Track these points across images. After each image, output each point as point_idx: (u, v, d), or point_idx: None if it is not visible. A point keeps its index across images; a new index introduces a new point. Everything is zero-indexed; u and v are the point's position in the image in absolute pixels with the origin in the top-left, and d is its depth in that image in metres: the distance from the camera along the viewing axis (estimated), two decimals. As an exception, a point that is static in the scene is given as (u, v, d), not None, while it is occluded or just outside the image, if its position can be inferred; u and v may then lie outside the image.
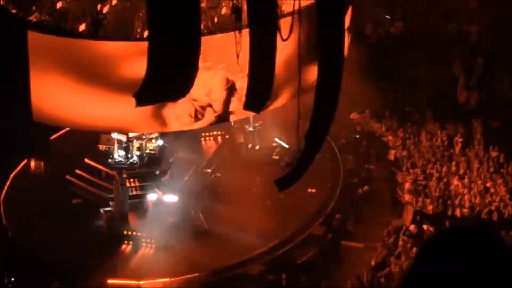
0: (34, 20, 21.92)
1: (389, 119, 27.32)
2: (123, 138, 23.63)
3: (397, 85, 28.76)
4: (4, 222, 22.50)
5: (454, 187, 23.58)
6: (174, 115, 19.78)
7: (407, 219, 22.69)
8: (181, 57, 12.00)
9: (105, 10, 22.92)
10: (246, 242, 21.66)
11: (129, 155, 23.79)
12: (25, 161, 24.69)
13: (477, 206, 22.77)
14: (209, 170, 24.92)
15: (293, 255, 21.78)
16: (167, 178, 23.85)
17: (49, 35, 18.76)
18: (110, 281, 20.54)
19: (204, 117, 20.19)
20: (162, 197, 23.07)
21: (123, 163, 23.75)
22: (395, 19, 30.46)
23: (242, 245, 21.58)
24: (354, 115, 27.76)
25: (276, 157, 25.48)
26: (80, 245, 21.37)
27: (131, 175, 23.31)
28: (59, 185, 23.97)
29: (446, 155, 25.18)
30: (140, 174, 23.55)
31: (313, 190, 23.96)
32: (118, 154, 23.86)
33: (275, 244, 21.92)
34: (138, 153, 23.81)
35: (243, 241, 21.64)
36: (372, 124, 27.52)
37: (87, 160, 24.53)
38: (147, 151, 23.97)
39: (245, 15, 15.14)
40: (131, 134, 23.41)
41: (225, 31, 18.54)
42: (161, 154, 24.25)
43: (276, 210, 22.72)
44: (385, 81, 27.24)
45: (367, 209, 23.75)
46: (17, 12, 21.53)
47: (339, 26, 14.81)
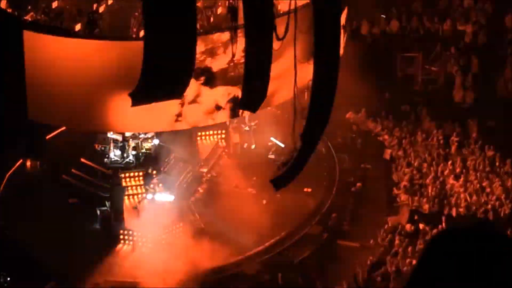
0: (30, 19, 21.88)
1: (385, 118, 27.35)
2: (119, 137, 23.60)
3: (393, 84, 28.77)
4: (0, 222, 22.46)
5: (450, 186, 23.60)
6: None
7: (403, 218, 22.72)
8: (177, 57, 11.99)
9: (101, 9, 22.90)
10: (242, 241, 21.65)
11: (125, 155, 23.76)
12: (20, 161, 24.66)
13: (473, 205, 22.78)
14: (205, 170, 24.91)
15: (289, 255, 21.79)
16: (163, 177, 23.83)
17: (45, 34, 18.74)
18: (106, 280, 20.54)
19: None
20: (158, 196, 23.06)
21: (119, 162, 23.74)
22: (390, 18, 30.46)
23: (238, 245, 21.57)
24: (350, 114, 27.77)
25: (272, 156, 25.46)
26: (76, 244, 21.37)
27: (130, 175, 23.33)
28: (55, 185, 23.93)
29: (442, 154, 25.21)
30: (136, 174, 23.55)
31: (309, 190, 23.97)
32: (114, 154, 23.83)
33: (271, 244, 21.94)
34: (134, 152, 23.78)
35: (239, 240, 21.62)
36: (368, 123, 27.53)
37: (83, 160, 24.51)
38: (143, 150, 23.94)
39: (241, 14, 15.16)
40: (127, 134, 23.39)
41: (221, 31, 18.54)
42: (157, 153, 24.23)
43: (272, 209, 22.70)
44: (380, 80, 27.22)
45: (363, 208, 23.77)
46: (13, 11, 21.49)
47: (335, 25, 14.81)
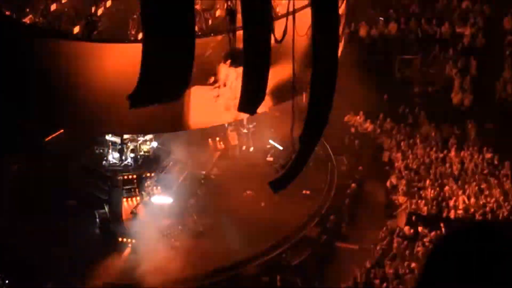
0: (28, 21, 21.86)
1: (383, 120, 27.36)
2: (117, 140, 23.59)
3: (391, 86, 28.78)
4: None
5: (448, 188, 23.60)
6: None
7: (402, 221, 22.72)
8: (175, 59, 11.97)
9: (99, 12, 22.89)
10: (240, 243, 21.64)
11: (124, 157, 23.75)
12: (20, 163, 24.65)
13: (471, 208, 22.78)
14: (203, 172, 24.91)
15: (288, 257, 21.78)
16: (161, 179, 23.81)
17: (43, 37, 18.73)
18: (105, 283, 20.52)
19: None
20: (156, 199, 23.04)
21: (118, 165, 23.72)
22: (388, 20, 30.49)
23: (236, 247, 21.56)
24: (348, 116, 27.79)
25: (270, 158, 25.49)
26: (74, 247, 21.36)
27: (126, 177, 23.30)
28: (54, 187, 23.90)
29: (441, 156, 25.22)
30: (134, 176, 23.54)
31: (308, 192, 23.98)
32: (113, 156, 23.82)
33: (269, 246, 21.94)
34: (133, 155, 23.77)
35: (238, 242, 21.62)
36: (366, 125, 27.54)
37: (81, 162, 24.50)
38: (141, 153, 23.93)
39: (239, 16, 15.15)
40: (125, 136, 23.38)
41: (219, 33, 18.52)
42: (155, 156, 24.22)
43: (271, 211, 22.70)
44: (379, 82, 27.25)
45: (361, 210, 23.78)
46: (11, 14, 21.47)
47: (333, 27, 14.80)
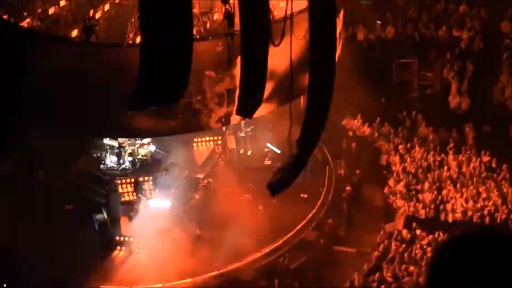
0: (26, 26, 21.86)
1: (381, 124, 27.36)
2: (115, 143, 23.60)
3: (389, 90, 28.80)
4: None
5: (446, 192, 23.61)
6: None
7: (400, 224, 22.72)
8: (173, 63, 11.99)
9: (97, 16, 22.90)
10: (238, 247, 21.60)
11: (121, 161, 23.76)
12: (16, 167, 24.59)
13: (469, 211, 22.80)
14: (201, 176, 24.91)
15: (286, 261, 21.76)
16: (159, 183, 23.82)
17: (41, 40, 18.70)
18: (102, 287, 20.51)
19: None
20: (154, 203, 23.04)
21: (115, 168, 23.73)
22: (386, 24, 30.52)
23: (234, 251, 21.52)
24: (346, 120, 27.80)
25: (268, 162, 25.49)
26: (72, 251, 21.32)
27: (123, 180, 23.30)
28: (51, 191, 23.88)
29: (438, 160, 25.23)
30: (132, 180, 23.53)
31: (305, 195, 23.98)
32: (110, 160, 23.83)
33: (267, 250, 21.93)
34: (130, 158, 23.78)
35: (236, 246, 21.57)
36: (364, 129, 27.55)
37: (79, 166, 24.49)
38: (139, 156, 23.94)
39: (237, 20, 15.18)
40: (123, 140, 23.38)
41: (217, 37, 18.54)
42: (153, 159, 24.23)
43: (269, 215, 22.69)
44: (376, 86, 27.25)
45: (359, 214, 23.77)
46: (9, 17, 21.47)
47: (331, 31, 14.83)
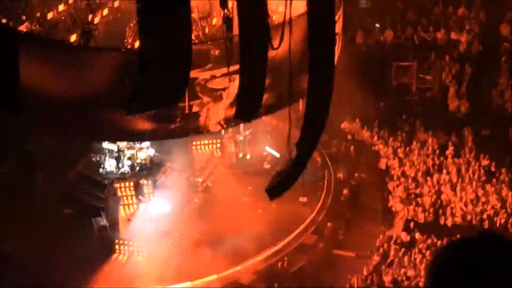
0: (25, 30, 21.84)
1: (379, 127, 27.36)
2: (114, 147, 23.59)
3: (388, 93, 28.81)
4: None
5: (445, 195, 23.61)
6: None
7: (399, 228, 22.72)
8: (172, 67, 11.98)
9: (96, 20, 22.88)
10: (237, 251, 21.62)
11: (120, 165, 23.75)
12: (16, 171, 24.61)
13: (468, 215, 22.79)
14: (200, 179, 24.90)
15: (285, 264, 21.75)
16: (158, 187, 23.81)
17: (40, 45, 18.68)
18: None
19: None
20: (153, 206, 23.03)
21: (114, 172, 23.72)
22: (385, 27, 30.54)
23: (233, 254, 21.53)
24: (344, 123, 27.80)
25: (267, 165, 25.49)
26: (71, 254, 21.30)
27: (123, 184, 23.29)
28: (51, 195, 23.88)
29: (437, 163, 25.23)
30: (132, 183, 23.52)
31: (305, 199, 23.97)
32: (109, 164, 23.83)
33: (267, 253, 21.92)
34: (129, 162, 23.77)
35: (235, 250, 21.59)
36: (362, 132, 27.55)
37: (78, 170, 24.49)
38: (138, 160, 23.93)
39: (236, 25, 15.16)
40: (122, 144, 23.37)
41: (216, 41, 18.54)
42: (152, 163, 24.22)
43: (268, 219, 22.69)
44: (375, 89, 27.27)
45: (358, 218, 23.76)
46: (7, 22, 21.44)
47: (330, 35, 14.82)
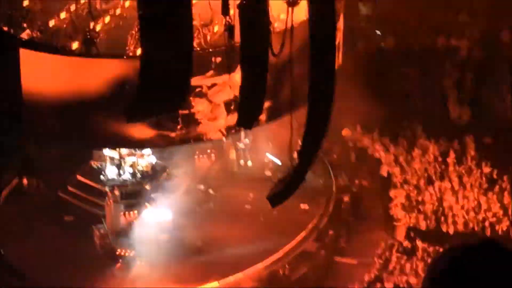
0: (26, 37, 21.85)
1: (381, 134, 27.31)
2: (115, 154, 23.58)
3: (389, 100, 28.76)
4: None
5: (447, 203, 23.57)
6: None
7: (400, 235, 22.69)
8: (173, 75, 11.98)
9: (97, 28, 22.88)
10: (239, 258, 21.59)
11: (122, 172, 23.72)
12: (17, 179, 24.63)
13: (470, 222, 22.77)
14: (202, 187, 24.88)
15: (287, 271, 21.72)
16: (159, 194, 23.78)
17: (41, 52, 18.73)
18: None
19: None
20: (154, 214, 22.99)
21: (116, 180, 23.69)
22: (386, 34, 30.53)
23: (235, 261, 21.51)
24: (345, 131, 27.75)
25: (268, 173, 25.46)
26: (72, 262, 21.27)
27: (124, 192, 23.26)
28: (51, 202, 23.88)
29: (439, 171, 25.18)
30: (133, 191, 23.48)
31: (306, 206, 23.94)
32: (111, 171, 23.80)
33: (268, 260, 21.88)
34: (131, 170, 23.75)
35: (236, 257, 21.57)
36: (364, 140, 27.50)
37: (79, 177, 24.47)
38: (139, 167, 23.90)
39: (237, 32, 15.17)
40: (123, 151, 23.36)
41: (218, 48, 18.57)
42: (153, 170, 24.20)
43: (269, 226, 22.67)
44: (376, 96, 27.23)
45: (360, 225, 23.72)
46: (8, 29, 21.46)
47: (331, 42, 14.81)
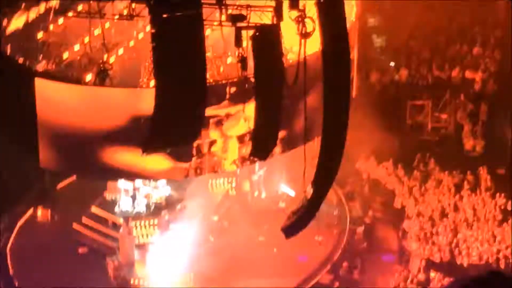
0: (41, 69, 22.04)
1: (394, 166, 27.29)
2: (130, 186, 23.64)
3: (402, 132, 28.77)
4: (11, 271, 22.41)
5: (461, 235, 23.47)
6: None
7: (414, 267, 22.57)
8: (187, 107, 12.06)
9: (111, 60, 23.05)
10: (252, 290, 21.55)
11: (136, 203, 23.76)
12: (31, 210, 24.72)
13: (485, 254, 22.65)
14: (216, 218, 24.88)
15: (301, 304, 21.66)
16: (174, 225, 23.79)
17: (56, 82, 18.88)
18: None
19: None
20: (168, 245, 22.99)
21: (130, 211, 23.73)
22: (399, 66, 30.60)
23: (248, 293, 21.47)
24: (359, 162, 27.74)
25: (282, 204, 25.45)
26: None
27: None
28: (66, 234, 23.92)
29: (453, 202, 25.11)
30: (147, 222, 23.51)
31: (320, 238, 23.88)
32: (125, 202, 23.85)
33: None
34: (145, 201, 23.79)
35: (250, 289, 21.54)
36: (377, 171, 27.48)
37: (93, 209, 24.53)
38: (153, 199, 23.94)
39: (251, 64, 15.28)
40: (137, 182, 23.42)
41: (231, 80, 18.67)
42: (167, 202, 24.23)
43: (283, 257, 22.63)
44: (390, 128, 27.25)
45: (374, 257, 23.63)
46: (24, 61, 21.65)
47: (345, 74, 14.88)
